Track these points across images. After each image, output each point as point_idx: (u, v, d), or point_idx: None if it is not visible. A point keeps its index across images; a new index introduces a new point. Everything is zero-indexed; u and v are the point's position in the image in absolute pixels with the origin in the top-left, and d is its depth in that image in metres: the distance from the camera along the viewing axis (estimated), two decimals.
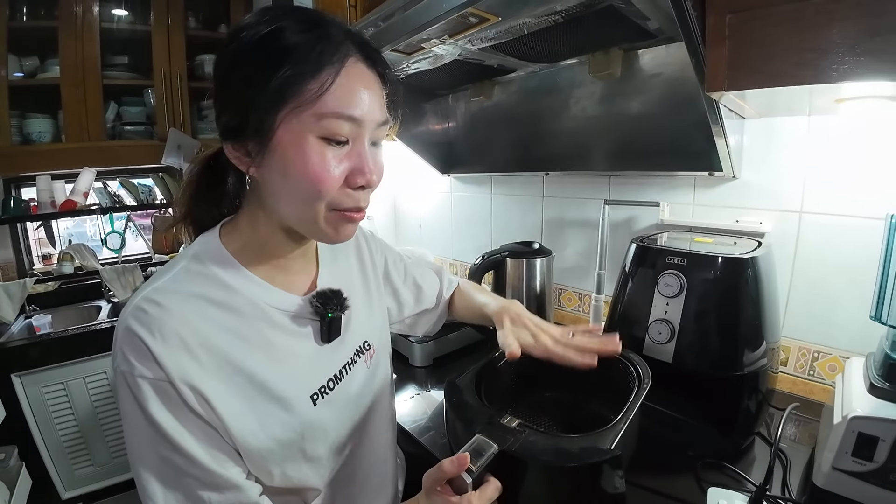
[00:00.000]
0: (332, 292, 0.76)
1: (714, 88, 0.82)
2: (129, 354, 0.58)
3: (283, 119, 0.60)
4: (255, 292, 0.68)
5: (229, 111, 0.63)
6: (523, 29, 1.06)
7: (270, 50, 0.59)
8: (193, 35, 2.58)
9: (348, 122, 0.62)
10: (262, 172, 0.64)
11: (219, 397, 0.61)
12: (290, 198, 0.64)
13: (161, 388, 0.58)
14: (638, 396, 0.76)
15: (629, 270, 1.05)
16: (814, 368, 1.14)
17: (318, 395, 0.72)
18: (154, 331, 0.58)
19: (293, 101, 0.59)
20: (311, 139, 0.60)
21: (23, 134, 2.31)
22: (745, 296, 0.92)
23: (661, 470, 0.85)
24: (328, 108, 0.59)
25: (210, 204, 0.75)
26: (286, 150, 0.60)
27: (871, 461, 0.68)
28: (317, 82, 0.59)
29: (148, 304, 0.60)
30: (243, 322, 0.66)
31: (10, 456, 1.80)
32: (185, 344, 0.59)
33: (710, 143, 1.07)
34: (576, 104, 1.43)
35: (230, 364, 0.63)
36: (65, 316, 2.43)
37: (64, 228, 2.79)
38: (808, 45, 0.71)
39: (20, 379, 1.98)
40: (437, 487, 0.63)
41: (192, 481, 0.60)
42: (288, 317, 0.71)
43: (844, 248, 1.05)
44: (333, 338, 0.76)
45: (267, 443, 0.66)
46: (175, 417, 0.59)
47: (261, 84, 0.59)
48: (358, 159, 0.64)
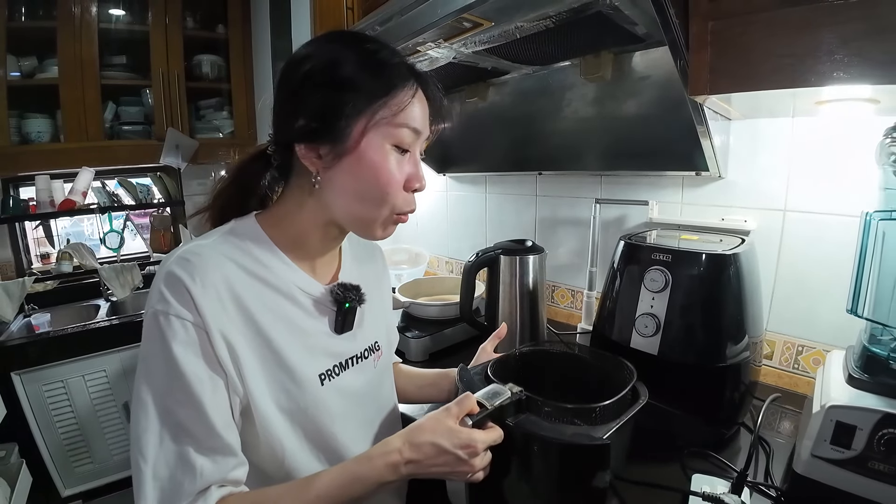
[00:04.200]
0: (353, 286, 0.81)
1: (697, 92, 0.85)
2: (168, 295, 0.62)
3: (364, 127, 0.68)
4: (284, 271, 0.74)
5: (305, 116, 0.69)
6: (516, 33, 1.09)
7: (364, 67, 0.68)
8: (191, 35, 2.60)
9: (413, 133, 0.71)
10: (331, 173, 0.70)
11: (242, 351, 0.66)
12: (358, 197, 0.71)
13: (193, 331, 0.62)
14: (633, 408, 0.77)
15: (618, 267, 1.08)
16: (798, 362, 1.17)
17: (325, 375, 0.76)
18: (196, 277, 0.63)
19: (377, 111, 0.68)
20: (387, 146, 0.70)
21: (21, 134, 2.32)
22: (727, 291, 0.95)
23: (648, 459, 0.88)
24: (403, 120, 0.69)
25: (242, 199, 0.80)
26: (363, 154, 0.68)
27: (849, 449, 0.70)
28: (397, 98, 0.69)
29: (191, 255, 0.65)
30: (269, 292, 0.72)
31: (10, 454, 1.81)
32: (219, 295, 0.65)
33: (697, 144, 1.11)
34: (568, 105, 1.46)
35: (254, 325, 0.68)
36: (64, 314, 2.43)
37: (62, 228, 2.80)
38: (786, 52, 0.74)
39: (20, 377, 1.99)
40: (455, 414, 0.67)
41: (190, 441, 0.61)
42: (310, 300, 0.77)
43: (827, 244, 1.09)
44: (346, 329, 0.81)
45: (273, 411, 0.70)
46: (197, 363, 0.62)
47: (349, 95, 0.67)
48: (415, 166, 0.74)
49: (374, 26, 1.17)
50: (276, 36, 2.33)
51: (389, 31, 1.16)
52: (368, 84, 0.67)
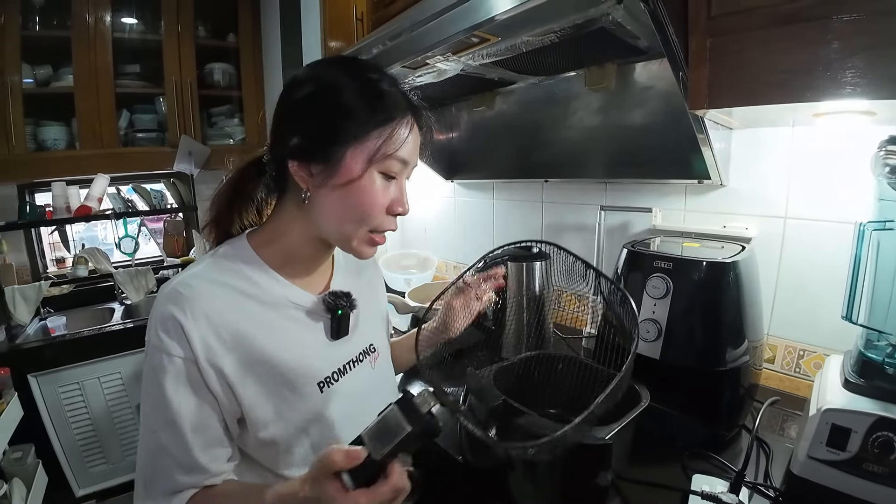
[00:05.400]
0: (343, 293, 0.84)
1: (696, 106, 0.88)
2: (160, 331, 0.68)
3: (355, 154, 0.71)
4: (275, 287, 0.78)
5: (301, 135, 0.73)
6: (522, 47, 1.12)
7: (363, 97, 0.72)
8: (203, 44, 2.63)
9: (401, 163, 0.75)
10: (319, 192, 0.74)
11: (236, 376, 0.71)
12: (341, 216, 0.75)
13: (182, 365, 0.68)
14: (634, 411, 0.80)
15: (621, 273, 1.11)
16: (799, 366, 1.19)
17: (324, 383, 0.80)
18: (187, 310, 0.68)
19: (370, 141, 0.71)
20: (375, 173, 0.73)
21: (37, 141, 2.36)
22: (726, 297, 0.98)
23: (650, 459, 0.91)
24: (393, 150, 0.72)
25: (239, 210, 0.84)
26: (351, 178, 0.72)
27: (844, 451, 0.73)
28: (391, 130, 0.72)
29: (182, 287, 0.70)
30: (264, 310, 0.75)
31: (27, 454, 1.84)
32: (211, 323, 0.69)
33: (698, 153, 1.13)
34: (573, 114, 1.49)
35: (249, 345, 0.72)
36: (79, 318, 2.48)
37: (76, 233, 2.84)
38: (782, 67, 0.77)
39: (36, 379, 2.04)
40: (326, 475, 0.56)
41: (170, 460, 0.69)
42: (303, 311, 0.80)
43: (826, 250, 1.11)
44: (342, 335, 0.84)
45: (278, 424, 0.75)
46: (184, 393, 0.68)
47: (345, 122, 0.71)
48: (399, 193, 0.77)
49: (385, 41, 1.20)
50: (287, 44, 2.35)
51: (400, 47, 1.19)
52: (365, 114, 0.71)
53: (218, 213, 0.83)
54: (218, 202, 0.83)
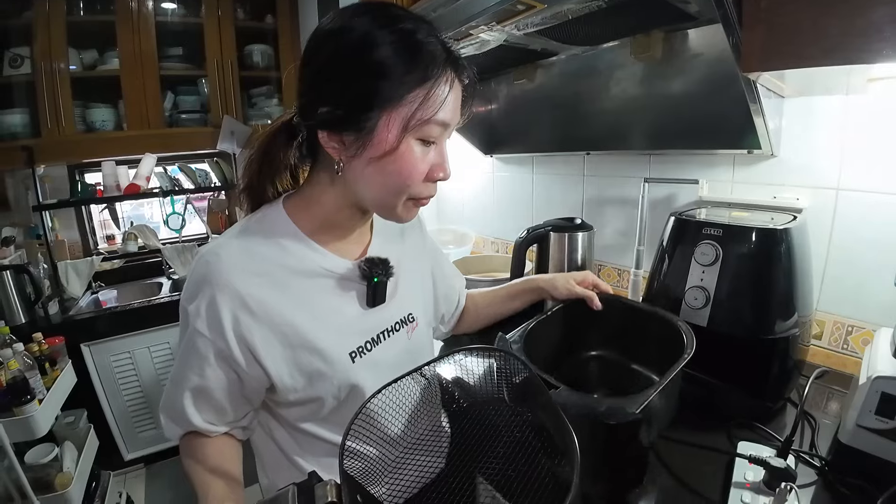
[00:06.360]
0: (380, 259, 0.81)
1: (749, 69, 0.86)
2: (189, 299, 0.71)
3: (390, 119, 0.65)
4: (308, 255, 0.76)
5: (329, 102, 0.67)
6: (567, 14, 1.11)
7: (398, 51, 0.63)
8: (242, 26, 2.68)
9: (441, 127, 0.68)
10: (353, 163, 0.69)
11: (263, 346, 0.71)
12: (379, 187, 0.71)
13: (202, 338, 0.70)
14: (677, 365, 0.78)
15: (667, 242, 1.10)
16: (847, 342, 1.16)
17: (356, 353, 0.78)
18: (213, 278, 0.69)
19: (406, 105, 0.65)
20: (411, 141, 0.67)
21: (86, 122, 2.45)
22: (777, 266, 0.96)
23: (694, 426, 0.90)
24: (431, 113, 0.66)
25: (271, 177, 0.81)
26: (388, 148, 0.66)
27: (893, 419, 0.72)
28: (429, 90, 0.65)
29: (211, 256, 0.71)
30: (294, 278, 0.74)
31: (79, 419, 1.93)
32: (238, 293, 0.69)
33: (749, 122, 1.10)
34: (616, 85, 1.46)
35: (277, 314, 0.72)
36: (129, 291, 2.59)
37: (124, 211, 2.96)
38: (836, 30, 0.74)
39: (89, 349, 2.15)
40: None
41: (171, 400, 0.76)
42: (337, 279, 0.78)
43: (880, 224, 1.07)
44: (378, 303, 0.81)
45: (308, 390, 0.75)
46: (195, 360, 0.71)
47: (378, 83, 0.63)
48: (440, 157, 0.72)
49: (429, 13, 1.19)
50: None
51: (442, 17, 1.18)
52: (401, 73, 0.63)
53: (250, 180, 0.80)
54: (249, 169, 0.79)
